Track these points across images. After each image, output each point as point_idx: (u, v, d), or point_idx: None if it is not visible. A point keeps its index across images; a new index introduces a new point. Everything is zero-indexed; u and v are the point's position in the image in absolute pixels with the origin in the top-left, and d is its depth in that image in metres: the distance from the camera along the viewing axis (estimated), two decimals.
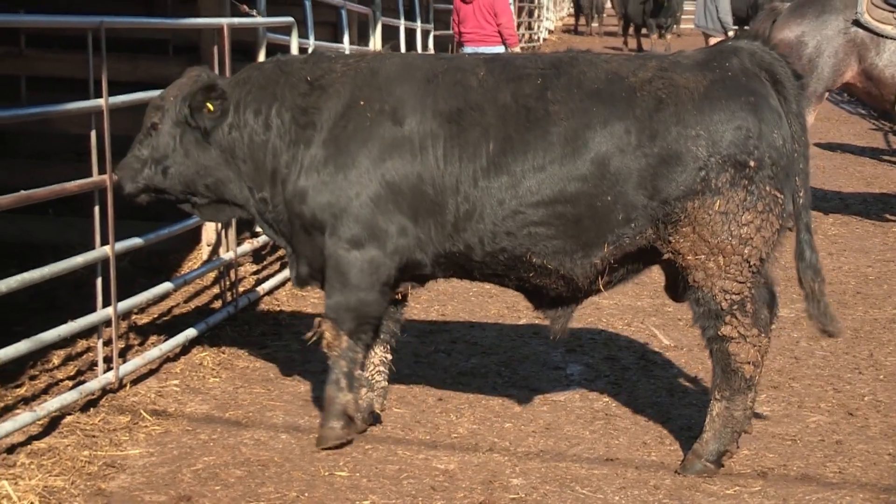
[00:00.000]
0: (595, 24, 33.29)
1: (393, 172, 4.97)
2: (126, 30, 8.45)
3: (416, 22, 14.66)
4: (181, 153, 5.26)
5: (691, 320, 4.98)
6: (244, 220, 6.84)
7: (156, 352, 6.11)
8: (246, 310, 7.16)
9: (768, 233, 4.80)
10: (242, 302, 7.15)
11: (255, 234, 7.91)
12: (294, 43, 8.16)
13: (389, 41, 13.12)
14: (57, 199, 5.80)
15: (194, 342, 6.49)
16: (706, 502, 4.71)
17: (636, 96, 4.83)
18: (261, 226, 5.48)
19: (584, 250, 4.89)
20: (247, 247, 7.64)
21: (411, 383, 6.02)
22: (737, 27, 20.18)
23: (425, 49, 14.98)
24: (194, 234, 7.93)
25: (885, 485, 4.91)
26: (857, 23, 9.80)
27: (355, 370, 5.20)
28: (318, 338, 5.20)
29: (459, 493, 4.75)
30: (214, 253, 7.69)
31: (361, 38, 12.13)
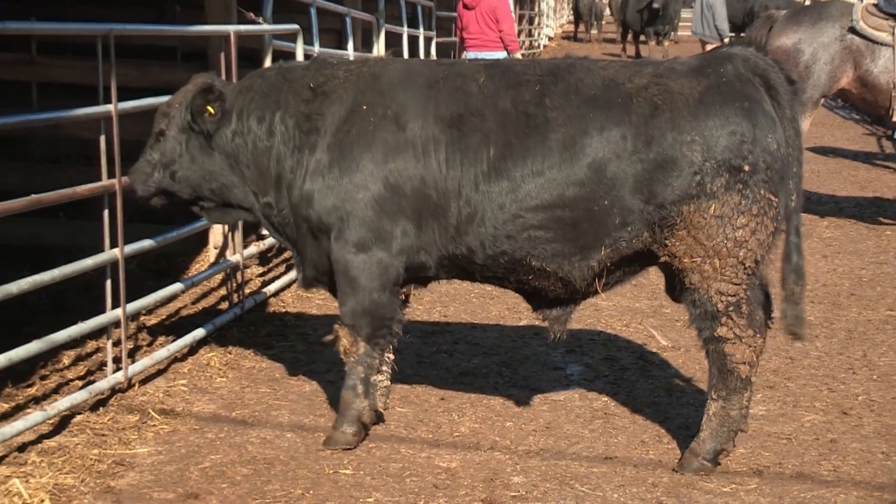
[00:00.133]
0: (594, 31, 33.18)
1: (396, 175, 4.97)
2: (135, 37, 8.53)
3: (418, 29, 14.67)
4: (187, 158, 5.28)
5: (688, 321, 4.99)
6: (250, 224, 6.91)
7: (164, 352, 6.12)
8: (252, 311, 7.16)
9: (763, 235, 4.79)
10: (249, 303, 7.15)
11: (262, 237, 7.90)
12: (299, 50, 8.13)
13: (393, 48, 13.16)
14: (67, 203, 5.86)
15: (201, 343, 6.49)
16: (703, 500, 4.73)
17: (632, 102, 4.82)
18: (266, 228, 5.48)
19: (582, 253, 4.89)
20: (253, 249, 7.63)
21: (414, 383, 6.03)
22: (733, 34, 20.21)
23: (428, 55, 15.02)
24: (202, 237, 7.93)
25: (879, 482, 4.93)
26: (852, 30, 9.82)
27: (372, 375, 5.20)
28: (334, 343, 5.18)
29: (461, 490, 4.78)
30: (221, 255, 7.66)
31: (365, 45, 12.11)
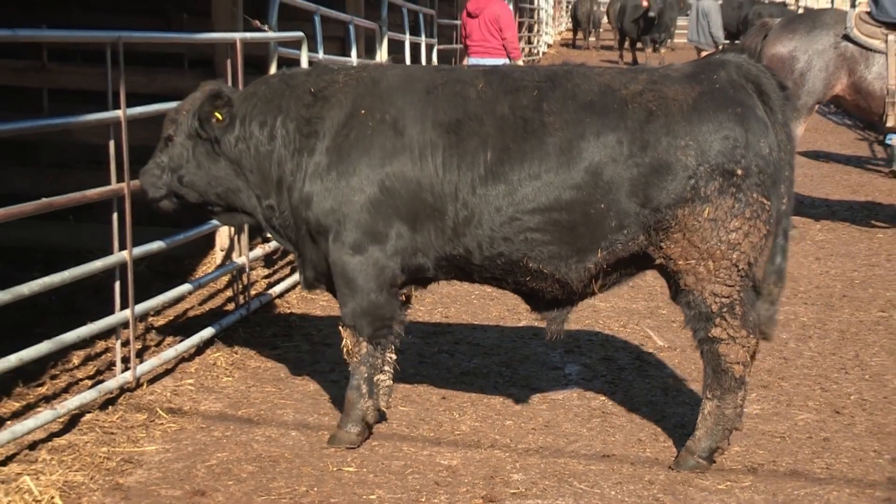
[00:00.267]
0: (592, 39, 33.11)
1: (393, 179, 5.00)
2: (143, 44, 8.56)
3: (420, 36, 14.73)
4: (194, 164, 5.34)
5: (683, 322, 5.02)
6: (256, 227, 7.00)
7: (171, 352, 6.16)
8: (258, 312, 7.20)
9: (756, 238, 4.83)
10: (254, 304, 7.19)
11: (267, 240, 7.93)
12: (304, 57, 8.15)
13: (395, 55, 13.25)
14: (77, 206, 5.91)
15: (208, 343, 6.54)
16: (699, 497, 4.77)
17: (628, 108, 4.86)
18: (268, 231, 5.52)
19: (579, 255, 4.93)
20: (259, 252, 7.66)
21: (416, 382, 6.07)
22: (728, 41, 20.28)
23: (430, 62, 15.10)
24: (208, 240, 7.99)
25: (871, 480, 4.97)
26: (846, 38, 9.84)
27: (375, 375, 5.25)
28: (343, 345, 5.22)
29: (462, 487, 4.82)
30: (228, 258, 7.74)
31: (368, 52, 12.16)
